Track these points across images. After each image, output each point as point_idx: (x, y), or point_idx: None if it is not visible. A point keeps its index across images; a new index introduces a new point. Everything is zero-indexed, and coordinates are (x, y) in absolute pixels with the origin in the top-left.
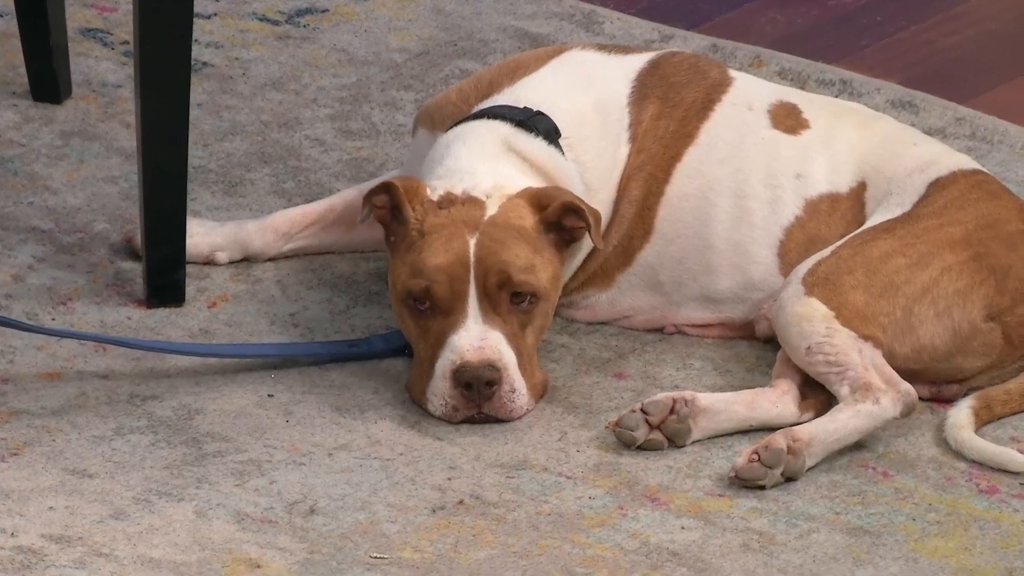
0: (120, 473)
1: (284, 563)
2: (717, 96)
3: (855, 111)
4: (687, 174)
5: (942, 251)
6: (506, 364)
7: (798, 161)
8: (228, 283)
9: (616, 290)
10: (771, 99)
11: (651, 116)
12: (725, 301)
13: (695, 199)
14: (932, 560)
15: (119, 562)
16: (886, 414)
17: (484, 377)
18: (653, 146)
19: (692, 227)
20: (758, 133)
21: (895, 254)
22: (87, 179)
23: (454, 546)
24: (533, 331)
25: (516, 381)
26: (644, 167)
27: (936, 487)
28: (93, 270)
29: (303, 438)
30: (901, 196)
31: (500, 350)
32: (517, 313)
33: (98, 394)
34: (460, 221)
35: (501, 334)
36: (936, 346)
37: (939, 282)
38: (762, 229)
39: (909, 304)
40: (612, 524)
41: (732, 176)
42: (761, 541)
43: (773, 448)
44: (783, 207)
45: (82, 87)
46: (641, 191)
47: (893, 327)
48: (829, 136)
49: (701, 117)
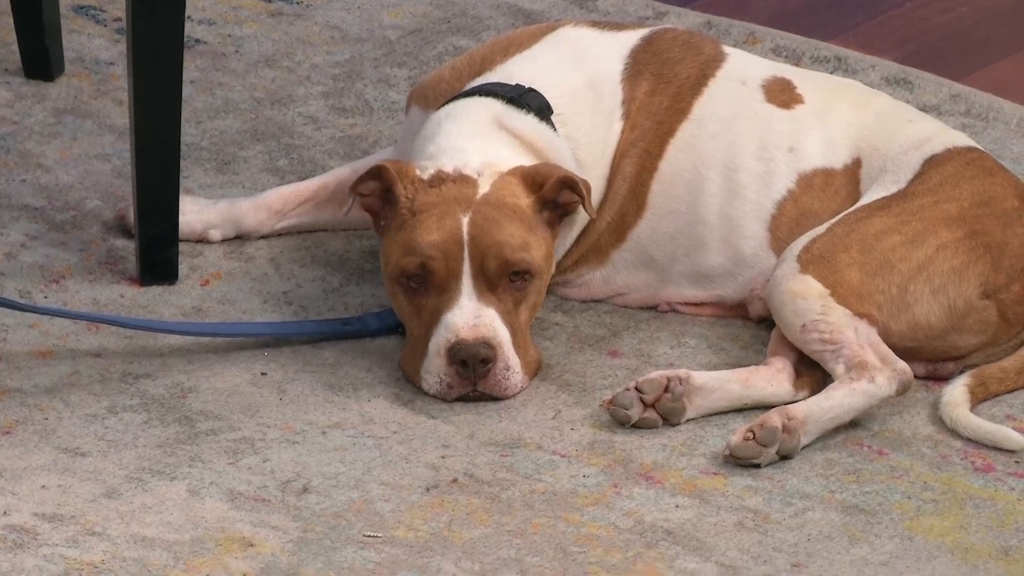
0: (113, 452)
1: (277, 542)
2: (711, 72)
3: (850, 88)
4: (680, 149)
5: (938, 228)
6: (501, 341)
7: (792, 135)
8: (221, 261)
9: (610, 267)
10: (765, 74)
11: (645, 92)
12: (716, 278)
13: (688, 174)
14: (927, 539)
15: (112, 541)
16: (881, 392)
17: (479, 355)
18: (647, 122)
19: (684, 202)
20: (751, 107)
21: (890, 232)
22: (80, 156)
23: (448, 525)
24: (527, 309)
25: (511, 359)
26: (637, 143)
27: (931, 465)
28: (86, 248)
29: (296, 416)
30: (896, 173)
31: (495, 327)
32: (511, 291)
33: (91, 372)
34: (452, 199)
35: (495, 312)
36: (931, 324)
37: (934, 260)
38: (754, 203)
39: (904, 282)
40: (606, 503)
41: (724, 150)
42: (756, 519)
43: (768, 426)
44: (776, 181)
45: (74, 64)
46: (634, 167)
47: (888, 305)
48: (824, 112)
49: (695, 92)
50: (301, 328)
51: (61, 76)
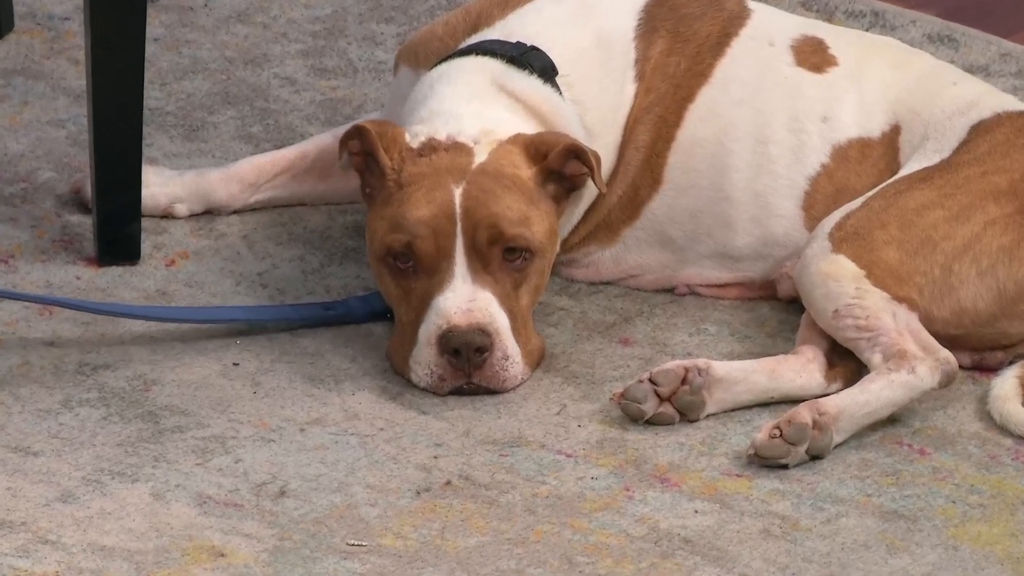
0: (68, 451)
1: (251, 551)
2: (734, 30)
3: (888, 46)
4: (700, 117)
5: (985, 203)
6: (498, 328)
7: (825, 102)
8: (188, 239)
9: (621, 246)
10: (794, 33)
11: (660, 52)
12: (744, 259)
13: (709, 145)
14: (974, 547)
15: (67, 550)
16: (923, 384)
17: (473, 343)
18: (662, 85)
19: (706, 177)
20: (780, 71)
21: (933, 206)
22: (31, 122)
23: (440, 532)
24: (528, 291)
25: (509, 347)
26: (652, 109)
27: (979, 466)
28: (38, 224)
29: (272, 412)
30: (940, 141)
31: (491, 312)
32: (510, 271)
33: (43, 363)
34: (444, 170)
35: (492, 295)
36: (978, 309)
37: (982, 237)
38: (785, 179)
39: (948, 262)
40: (617, 508)
41: (751, 120)
42: (783, 526)
43: (797, 423)
44: (808, 154)
45: (25, 20)
46: (649, 136)
47: (930, 288)
48: (859, 74)
49: (716, 53)
50: (278, 313)
51: (11, 33)
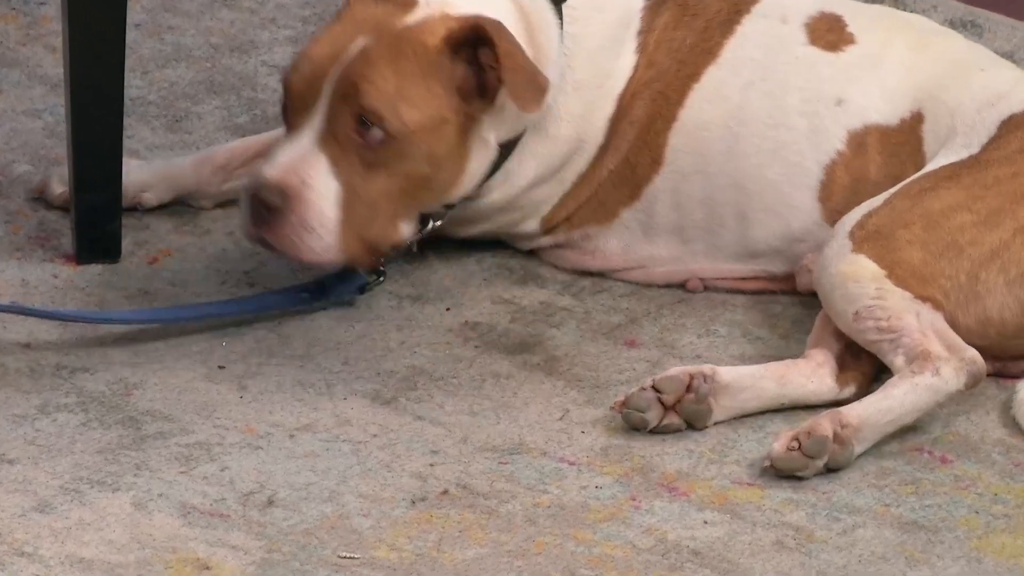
0: (45, 458)
1: (237, 563)
2: (745, 7)
3: (911, 25)
4: (706, 98)
5: (1016, 207)
6: (302, 194)
7: (840, 83)
8: (171, 235)
9: (623, 230)
10: (810, 10)
11: (665, 24)
12: (762, 253)
13: (716, 129)
14: (999, 560)
15: (44, 563)
16: (948, 387)
17: (265, 200)
18: (665, 60)
19: (715, 162)
20: (792, 51)
21: (960, 208)
22: (5, 112)
23: (437, 544)
24: (385, 178)
25: (313, 218)
26: (652, 84)
27: (1003, 474)
28: (12, 219)
29: (260, 417)
30: (968, 135)
31: (306, 175)
32: (363, 147)
33: (19, 366)
34: (369, 19)
35: (327, 160)
36: (1005, 319)
37: (1011, 245)
38: (799, 167)
39: (975, 268)
40: (622, 518)
41: (760, 103)
42: (797, 538)
43: (817, 435)
44: (822, 140)
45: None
46: (646, 111)
47: (956, 293)
48: (879, 55)
49: (725, 31)
50: (259, 305)
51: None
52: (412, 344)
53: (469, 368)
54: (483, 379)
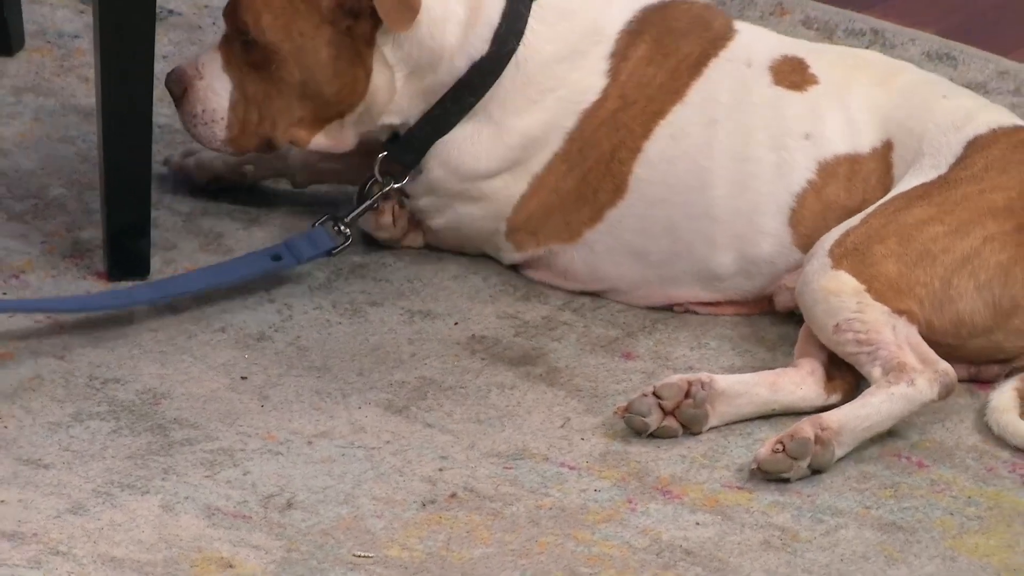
0: (78, 463)
1: (259, 562)
2: (714, 51)
3: (871, 64)
4: (672, 135)
5: (984, 219)
6: (194, 84)
7: (806, 120)
8: (197, 253)
9: (587, 250)
10: (774, 54)
11: (640, 58)
12: (729, 277)
13: (683, 163)
14: (972, 559)
15: (78, 561)
16: (922, 396)
17: (168, 87)
18: (634, 93)
19: (682, 193)
20: (758, 91)
21: (932, 221)
22: (41, 139)
23: (446, 544)
24: (265, 81)
25: (204, 107)
26: (618, 114)
27: (976, 478)
28: (48, 240)
29: (280, 425)
30: (936, 157)
31: (203, 70)
32: (245, 52)
33: (54, 377)
34: None
35: (222, 59)
36: (975, 322)
37: (980, 252)
38: (769, 196)
39: (947, 274)
40: (620, 519)
41: (727, 139)
42: (784, 538)
43: (799, 438)
44: (791, 171)
45: (36, 38)
46: (609, 141)
47: (930, 298)
48: (843, 92)
49: (693, 73)
50: (230, 274)
51: (21, 51)
52: (422, 356)
53: (476, 379)
54: (489, 389)
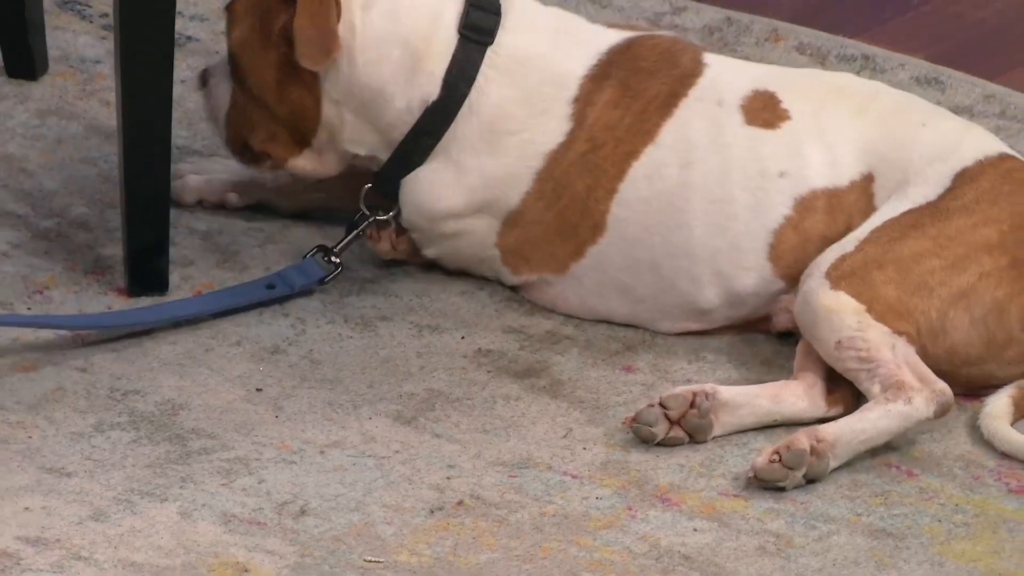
0: (100, 472)
1: (273, 567)
2: (683, 90)
3: (843, 91)
4: (646, 176)
5: (979, 255)
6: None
7: (779, 158)
8: (214, 270)
9: (577, 283)
10: (745, 90)
11: (605, 102)
12: (716, 309)
13: (659, 203)
14: (959, 564)
15: (99, 566)
16: (919, 414)
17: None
18: (602, 135)
19: (660, 233)
20: (730, 132)
21: (928, 255)
22: (64, 160)
23: (453, 549)
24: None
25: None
26: (588, 156)
27: (963, 487)
28: (71, 257)
29: (293, 435)
30: (924, 187)
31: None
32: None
33: (76, 388)
34: None
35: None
36: (969, 353)
37: (976, 288)
38: (746, 235)
39: (944, 307)
40: (620, 526)
41: (703, 180)
42: (778, 544)
43: (795, 448)
44: (768, 209)
45: (59, 63)
46: (583, 182)
47: (927, 327)
48: (816, 126)
49: (663, 114)
50: (228, 300)
51: (45, 75)
52: (431, 369)
53: (482, 391)
54: (495, 400)
